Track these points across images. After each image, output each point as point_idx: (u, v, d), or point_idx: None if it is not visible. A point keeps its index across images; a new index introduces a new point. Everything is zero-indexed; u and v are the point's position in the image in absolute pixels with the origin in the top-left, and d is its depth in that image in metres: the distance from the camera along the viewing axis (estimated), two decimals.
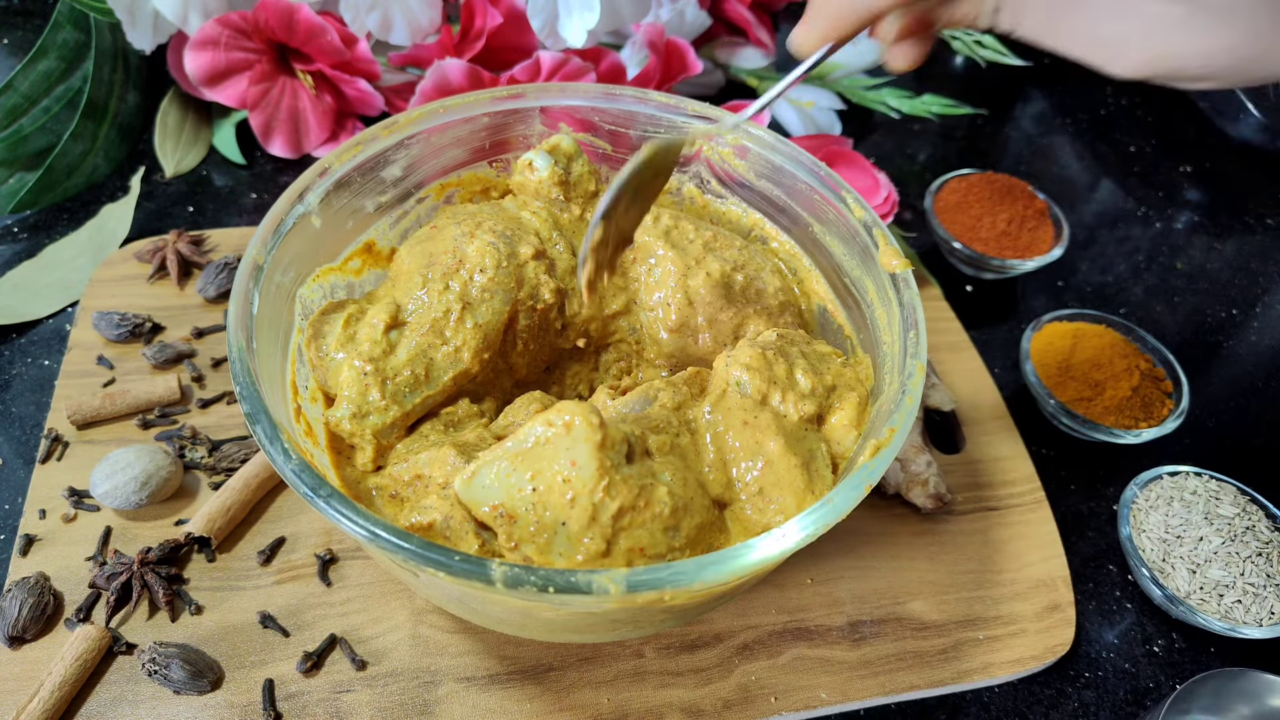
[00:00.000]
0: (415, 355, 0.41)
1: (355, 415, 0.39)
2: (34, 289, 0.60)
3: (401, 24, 0.68)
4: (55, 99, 0.66)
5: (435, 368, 0.41)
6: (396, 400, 0.40)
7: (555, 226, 0.46)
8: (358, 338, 0.40)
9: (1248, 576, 0.49)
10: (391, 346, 0.40)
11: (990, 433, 0.58)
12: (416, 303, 0.42)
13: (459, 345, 0.41)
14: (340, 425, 0.39)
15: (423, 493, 0.37)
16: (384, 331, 0.40)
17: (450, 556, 0.29)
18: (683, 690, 0.45)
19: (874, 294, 0.43)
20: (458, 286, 0.42)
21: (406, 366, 0.40)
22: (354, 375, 0.39)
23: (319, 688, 0.43)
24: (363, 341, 0.40)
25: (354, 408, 0.39)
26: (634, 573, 0.29)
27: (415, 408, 0.41)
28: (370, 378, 0.39)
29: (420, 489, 0.37)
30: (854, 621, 0.48)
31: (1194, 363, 0.67)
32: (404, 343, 0.41)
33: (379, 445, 0.40)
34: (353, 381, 0.39)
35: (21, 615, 0.42)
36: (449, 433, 0.41)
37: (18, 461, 0.51)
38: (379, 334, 0.40)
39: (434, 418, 0.42)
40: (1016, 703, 0.48)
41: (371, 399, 0.39)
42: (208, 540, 0.46)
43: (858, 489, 0.33)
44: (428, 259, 0.43)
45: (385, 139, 0.45)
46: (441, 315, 0.41)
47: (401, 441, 0.41)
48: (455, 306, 0.42)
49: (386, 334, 0.40)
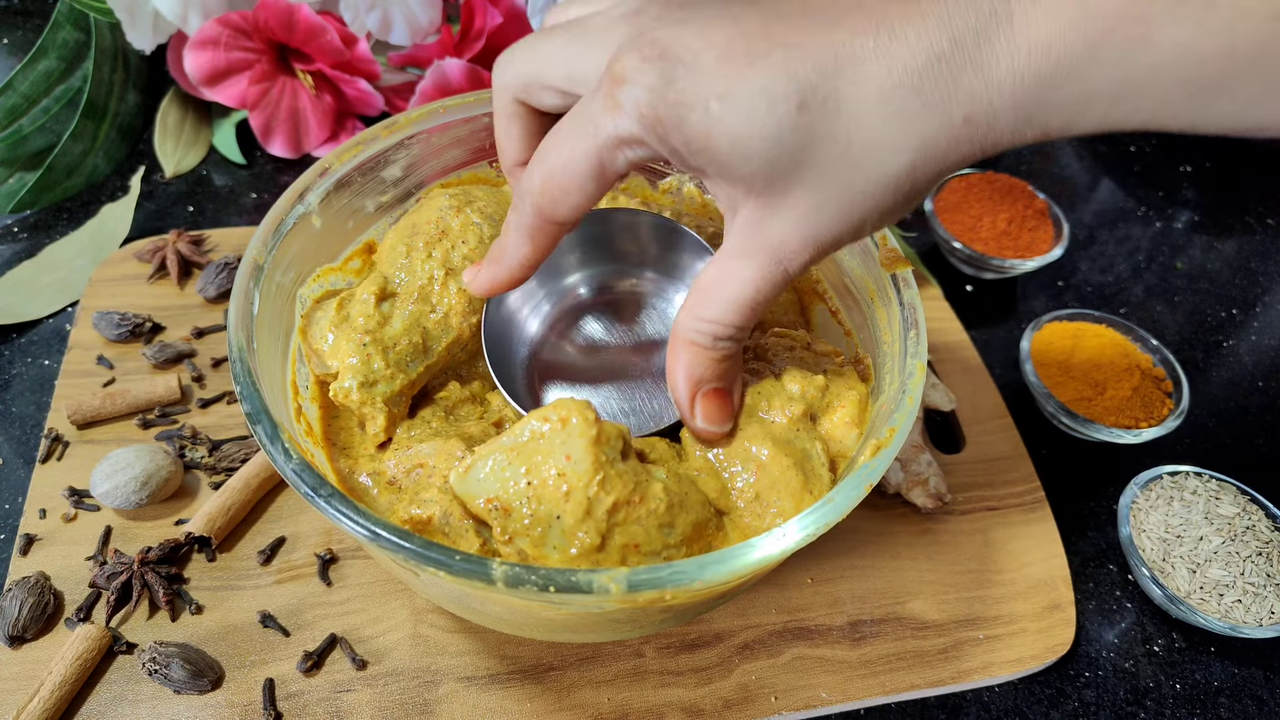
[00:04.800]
0: (410, 324, 0.41)
1: (363, 384, 0.39)
2: (34, 289, 0.60)
3: (401, 24, 0.68)
4: (55, 99, 0.66)
5: (430, 336, 0.42)
6: (400, 368, 0.40)
7: None
8: (351, 315, 0.40)
9: (1248, 576, 0.49)
10: (385, 318, 0.41)
11: (990, 432, 0.58)
12: (403, 272, 0.43)
13: (446, 311, 0.42)
14: (349, 396, 0.39)
15: (424, 484, 0.37)
16: (376, 304, 0.41)
17: (451, 556, 0.29)
18: (683, 690, 0.45)
19: (874, 294, 0.43)
20: (439, 254, 0.43)
21: (404, 336, 0.41)
22: (355, 346, 0.39)
23: (319, 687, 0.43)
24: (357, 317, 0.40)
25: (360, 377, 0.39)
26: (635, 572, 0.29)
27: (419, 375, 0.41)
28: (371, 347, 0.39)
29: (421, 479, 0.37)
30: (854, 621, 0.48)
31: (1194, 363, 0.67)
32: (397, 313, 0.41)
33: (390, 413, 0.40)
34: (354, 351, 0.39)
35: (22, 615, 0.42)
36: (449, 420, 0.41)
37: (18, 461, 0.51)
38: (371, 307, 0.40)
39: (431, 404, 0.42)
40: (1016, 702, 0.48)
41: (376, 368, 0.39)
42: (208, 540, 0.46)
43: (858, 488, 0.33)
44: (411, 228, 0.44)
45: (386, 139, 0.45)
46: (427, 282, 0.42)
47: (402, 425, 0.41)
48: (439, 272, 0.42)
49: (379, 306, 0.41)
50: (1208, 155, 0.86)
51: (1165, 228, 0.79)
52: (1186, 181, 0.83)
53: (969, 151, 0.28)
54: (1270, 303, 0.73)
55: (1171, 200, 0.81)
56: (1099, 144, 0.86)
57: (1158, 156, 0.86)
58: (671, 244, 0.45)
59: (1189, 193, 0.82)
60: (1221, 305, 0.72)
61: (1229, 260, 0.76)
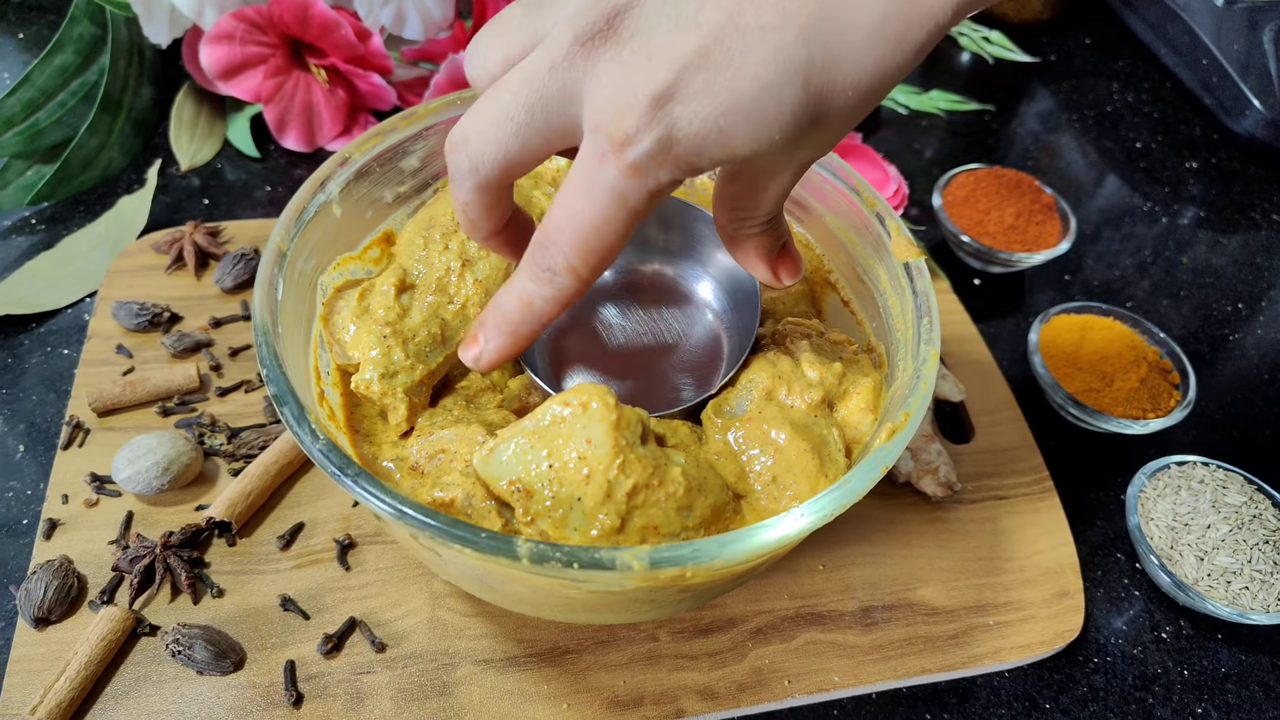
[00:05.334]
0: (429, 316, 0.42)
1: (384, 375, 0.40)
2: (52, 280, 0.60)
3: (415, 18, 0.69)
4: (71, 93, 0.67)
5: (449, 327, 0.42)
6: (420, 359, 0.41)
7: None
8: (371, 307, 0.41)
9: (1255, 563, 0.49)
10: (405, 310, 0.41)
11: (999, 423, 0.59)
12: (420, 264, 0.43)
13: (463, 302, 0.43)
14: (370, 387, 0.40)
15: (445, 468, 0.37)
16: (395, 296, 0.41)
17: (476, 533, 0.30)
18: (697, 673, 0.45)
19: (887, 283, 0.44)
20: (455, 246, 0.43)
21: (423, 327, 0.41)
22: (375, 338, 0.40)
23: (339, 669, 0.44)
24: (377, 309, 0.41)
25: (380, 369, 0.40)
26: (657, 550, 0.30)
27: (439, 366, 0.42)
28: (391, 339, 0.40)
29: (444, 464, 0.38)
30: (865, 607, 0.49)
31: (1200, 356, 0.67)
32: (416, 305, 0.42)
33: (411, 403, 0.41)
34: (375, 343, 0.40)
35: (47, 597, 0.43)
36: (470, 408, 0.42)
37: (38, 448, 0.52)
38: (391, 299, 0.41)
39: (452, 393, 0.43)
40: (1026, 687, 0.48)
41: (396, 359, 0.40)
42: (228, 525, 0.47)
43: (874, 470, 0.33)
44: (428, 221, 0.45)
45: (404, 129, 0.46)
46: (444, 273, 0.43)
47: (425, 414, 0.42)
48: (455, 264, 0.43)
49: (398, 298, 0.41)
50: (1213, 151, 0.87)
51: (1171, 224, 0.79)
52: (1192, 178, 0.84)
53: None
54: (1276, 297, 0.73)
55: (1177, 196, 0.82)
56: (1105, 140, 0.87)
57: (1163, 153, 0.86)
58: (691, 227, 0.45)
59: (1194, 189, 0.83)
60: (1227, 300, 0.73)
61: (1234, 255, 0.77)
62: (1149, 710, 0.48)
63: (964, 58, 0.95)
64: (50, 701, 0.40)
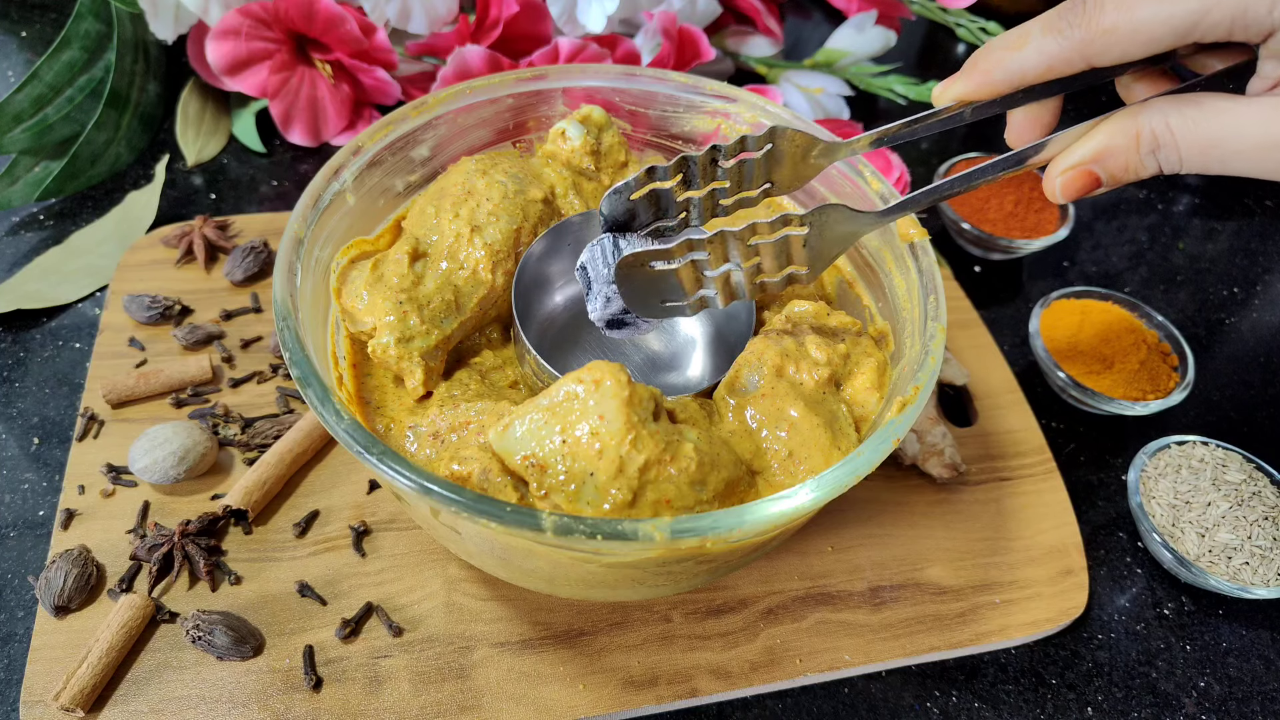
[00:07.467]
0: (442, 283, 0.43)
1: (400, 340, 0.40)
2: (62, 274, 0.61)
3: (420, 13, 0.69)
4: (78, 89, 0.67)
5: (461, 294, 0.43)
6: (435, 324, 0.42)
7: (574, 188, 0.48)
8: (385, 275, 0.42)
9: (1255, 539, 0.50)
10: (419, 277, 0.42)
11: (1002, 407, 0.60)
12: (432, 233, 0.44)
13: (474, 266, 0.43)
14: (387, 352, 0.40)
15: (465, 442, 0.38)
16: (409, 265, 0.42)
17: (502, 508, 0.31)
18: (710, 653, 0.46)
19: (892, 264, 0.44)
20: (465, 213, 0.44)
21: (436, 294, 0.42)
22: (391, 304, 0.41)
23: (358, 653, 0.44)
24: (391, 276, 0.42)
25: (396, 333, 0.40)
26: (677, 521, 0.31)
27: (454, 331, 0.43)
28: (407, 305, 0.41)
29: (466, 437, 0.38)
30: (874, 587, 0.50)
31: (1198, 339, 0.68)
32: (430, 273, 0.43)
33: (427, 367, 0.41)
34: (391, 310, 0.41)
35: (67, 585, 0.44)
36: (485, 384, 0.43)
37: (53, 440, 0.52)
38: (405, 266, 0.42)
39: (466, 367, 0.44)
40: (1032, 663, 0.49)
41: (412, 324, 0.41)
42: (244, 513, 0.48)
43: (886, 443, 0.34)
44: (439, 192, 0.46)
45: (415, 119, 0.46)
46: (454, 240, 0.44)
47: (442, 385, 0.42)
48: (465, 230, 0.44)
49: (412, 266, 0.42)
50: None
51: (1167, 210, 0.80)
52: None
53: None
54: (1270, 281, 0.74)
55: (1172, 184, 0.83)
56: None
57: None
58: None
59: (1189, 177, 0.84)
60: (1223, 284, 0.74)
61: (1229, 241, 0.78)
62: (1153, 684, 0.49)
63: (961, 48, 0.96)
64: (74, 687, 0.40)
